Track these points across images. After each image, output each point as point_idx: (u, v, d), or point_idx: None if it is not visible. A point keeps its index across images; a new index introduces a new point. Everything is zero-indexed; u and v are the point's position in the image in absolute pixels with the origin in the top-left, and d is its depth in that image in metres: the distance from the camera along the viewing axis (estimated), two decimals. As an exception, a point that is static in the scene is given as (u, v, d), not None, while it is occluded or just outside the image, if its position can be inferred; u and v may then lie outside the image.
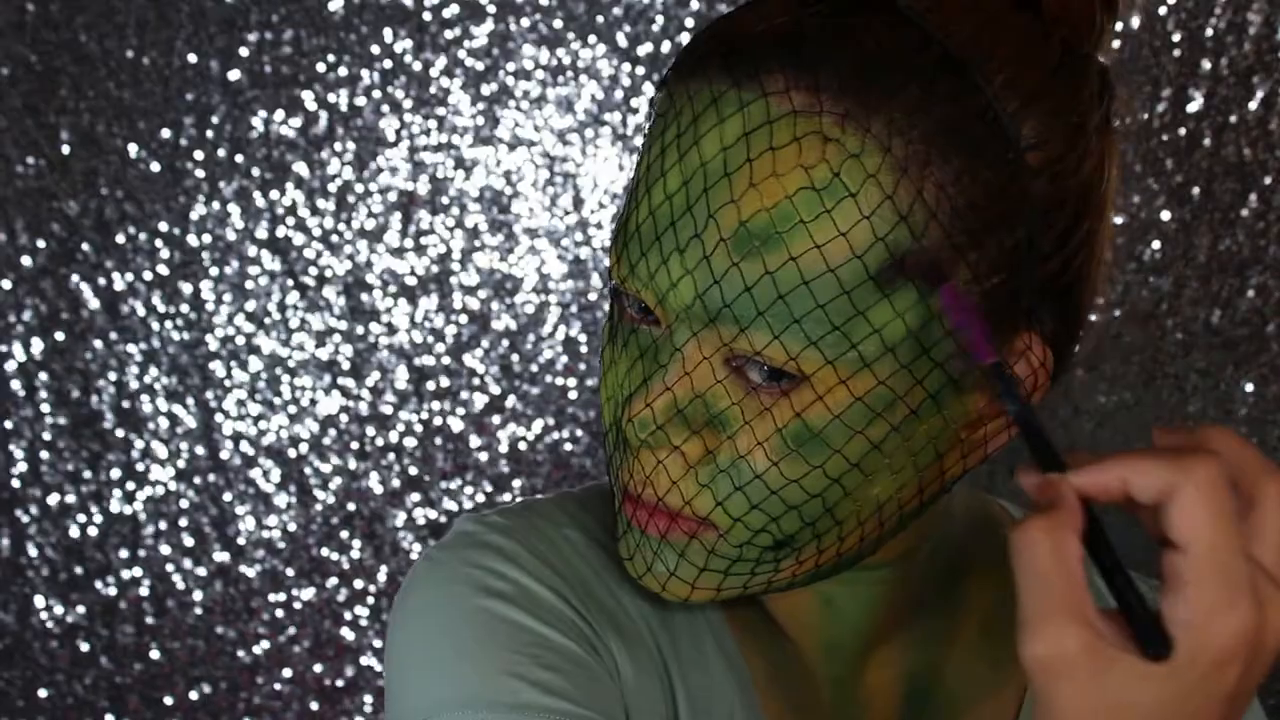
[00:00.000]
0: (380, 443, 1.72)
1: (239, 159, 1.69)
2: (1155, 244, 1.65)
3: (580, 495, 0.88)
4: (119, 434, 1.71)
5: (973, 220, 0.72)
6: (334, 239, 1.70)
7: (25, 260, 1.69)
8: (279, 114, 1.68)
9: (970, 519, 0.86)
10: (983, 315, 0.71)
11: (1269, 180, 1.63)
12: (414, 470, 1.72)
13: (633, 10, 1.67)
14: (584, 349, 1.70)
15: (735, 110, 0.72)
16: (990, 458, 0.78)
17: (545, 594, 0.79)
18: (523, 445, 1.71)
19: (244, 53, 1.68)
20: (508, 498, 1.72)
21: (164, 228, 1.69)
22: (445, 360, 1.71)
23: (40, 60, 1.67)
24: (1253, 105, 1.63)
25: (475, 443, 1.72)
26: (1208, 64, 1.63)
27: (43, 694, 1.74)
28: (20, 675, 1.74)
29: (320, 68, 1.68)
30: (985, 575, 0.86)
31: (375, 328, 1.70)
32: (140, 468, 1.72)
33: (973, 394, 0.75)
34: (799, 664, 0.84)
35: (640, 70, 1.67)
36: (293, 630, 1.73)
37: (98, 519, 1.72)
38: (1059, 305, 0.76)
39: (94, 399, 1.71)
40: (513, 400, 1.71)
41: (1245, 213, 1.64)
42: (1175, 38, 1.63)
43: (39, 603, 1.73)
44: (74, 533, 1.72)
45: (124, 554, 1.72)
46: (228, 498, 1.72)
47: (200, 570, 1.73)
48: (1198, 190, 1.64)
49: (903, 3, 0.73)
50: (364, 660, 1.74)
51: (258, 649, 1.73)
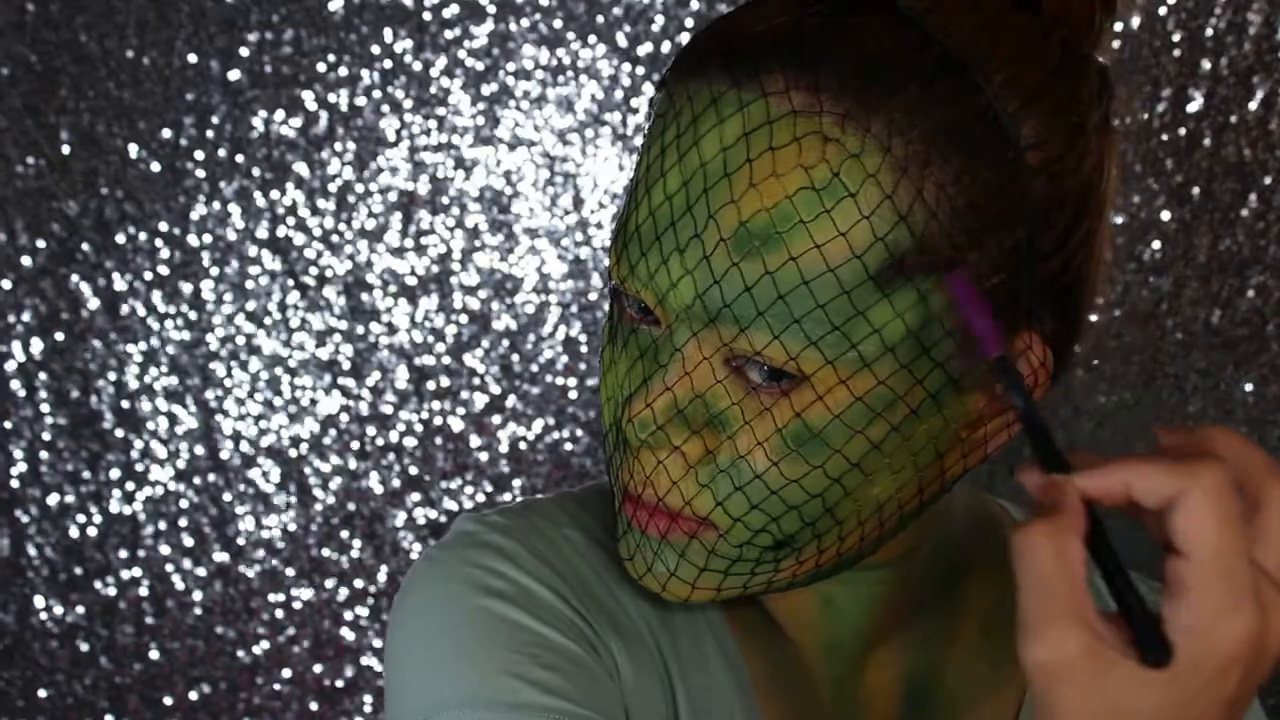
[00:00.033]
0: (380, 443, 1.72)
1: (239, 159, 1.68)
2: (1155, 244, 1.65)
3: (580, 495, 0.88)
4: (119, 434, 1.71)
5: (973, 220, 0.72)
6: (334, 239, 1.70)
7: (25, 260, 1.69)
8: (279, 114, 1.68)
9: (970, 519, 0.86)
10: (989, 308, 0.71)
11: (1269, 180, 1.63)
12: (414, 470, 1.72)
13: (633, 10, 1.67)
14: (584, 349, 1.70)
15: (735, 110, 0.72)
16: (990, 457, 0.78)
17: (545, 594, 0.79)
18: (523, 445, 1.71)
19: (244, 53, 1.68)
20: (508, 498, 1.72)
21: (164, 228, 1.69)
22: (445, 360, 1.71)
23: (40, 60, 1.67)
24: (1253, 105, 1.63)
25: (475, 443, 1.72)
26: (1208, 64, 1.62)
27: (42, 694, 1.74)
28: (20, 675, 1.74)
29: (320, 68, 1.68)
30: (985, 575, 0.86)
31: (375, 328, 1.70)
32: (140, 468, 1.72)
33: (973, 393, 0.75)
34: (799, 664, 0.84)
35: (640, 70, 1.67)
36: (292, 630, 1.73)
37: (97, 519, 1.72)
38: (1059, 305, 0.76)
39: (94, 399, 1.71)
40: (513, 400, 1.71)
41: (1245, 213, 1.64)
42: (1175, 38, 1.63)
43: (39, 603, 1.73)
44: (74, 533, 1.72)
45: (123, 554, 1.72)
46: (227, 498, 1.72)
47: (200, 570, 1.73)
48: (1198, 190, 1.64)
49: (903, 3, 0.73)
50: (364, 660, 1.74)
51: (257, 649, 1.73)
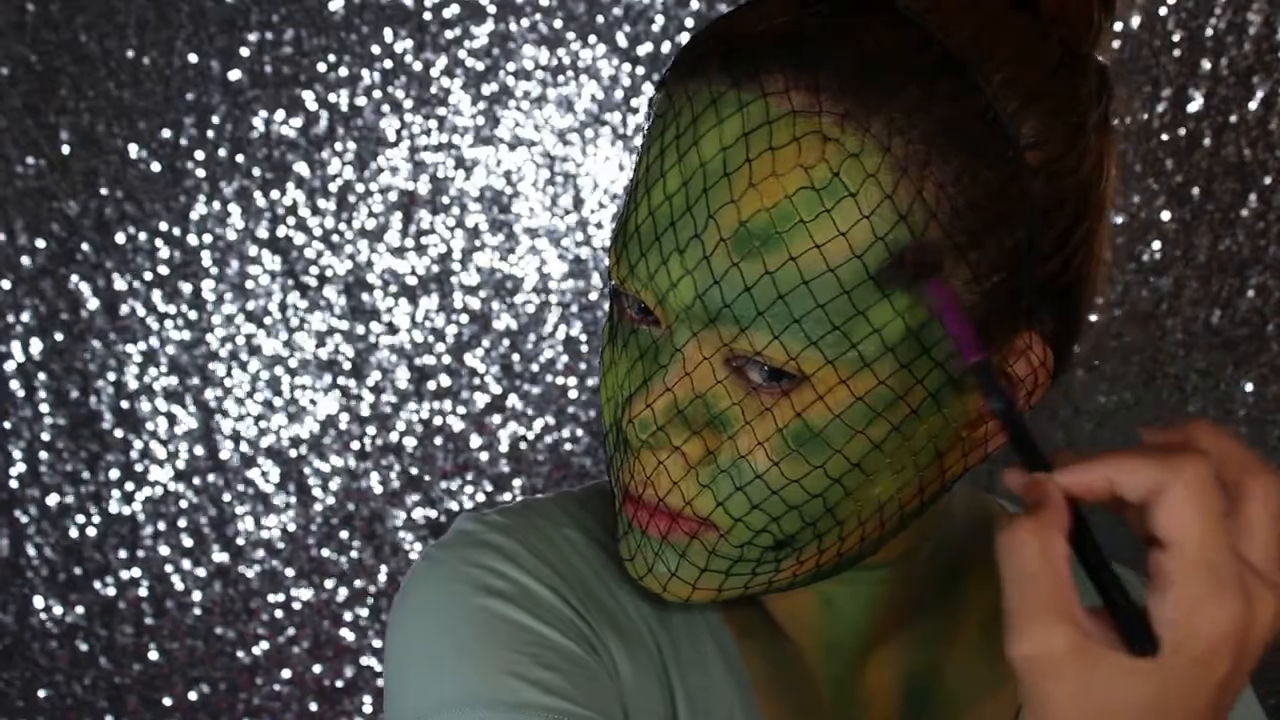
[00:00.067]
0: (380, 443, 1.72)
1: (239, 159, 1.68)
2: (1155, 244, 1.65)
3: (580, 495, 0.88)
4: (118, 434, 1.71)
5: (973, 220, 0.72)
6: (334, 239, 1.70)
7: (25, 260, 1.69)
8: (279, 114, 1.68)
9: (971, 518, 0.86)
10: (969, 314, 0.71)
11: (1269, 180, 1.63)
12: (414, 470, 1.72)
13: (633, 10, 1.67)
14: (584, 349, 1.70)
15: (734, 110, 0.72)
16: (991, 456, 0.78)
17: (545, 593, 0.79)
18: (523, 445, 1.71)
19: (244, 53, 1.68)
20: (508, 497, 1.72)
21: (164, 228, 1.69)
22: (446, 360, 1.71)
23: (40, 60, 1.67)
24: (1253, 105, 1.63)
25: (476, 442, 1.72)
26: (1208, 64, 1.63)
27: (42, 694, 1.74)
28: (19, 676, 1.74)
29: (321, 68, 1.68)
30: (985, 575, 0.86)
31: (376, 327, 1.70)
32: (139, 468, 1.72)
33: (973, 393, 0.75)
34: (799, 664, 0.84)
35: (640, 70, 1.67)
36: (292, 631, 1.73)
37: (97, 519, 1.72)
38: (1059, 305, 0.76)
39: (93, 399, 1.71)
40: (513, 400, 1.71)
41: (1245, 213, 1.64)
42: (1175, 38, 1.63)
43: (38, 603, 1.73)
44: (73, 533, 1.72)
45: (123, 554, 1.72)
46: (227, 498, 1.72)
47: (199, 571, 1.73)
48: (1198, 190, 1.64)
49: (902, 3, 0.73)
50: (363, 661, 1.74)
51: (257, 650, 1.73)
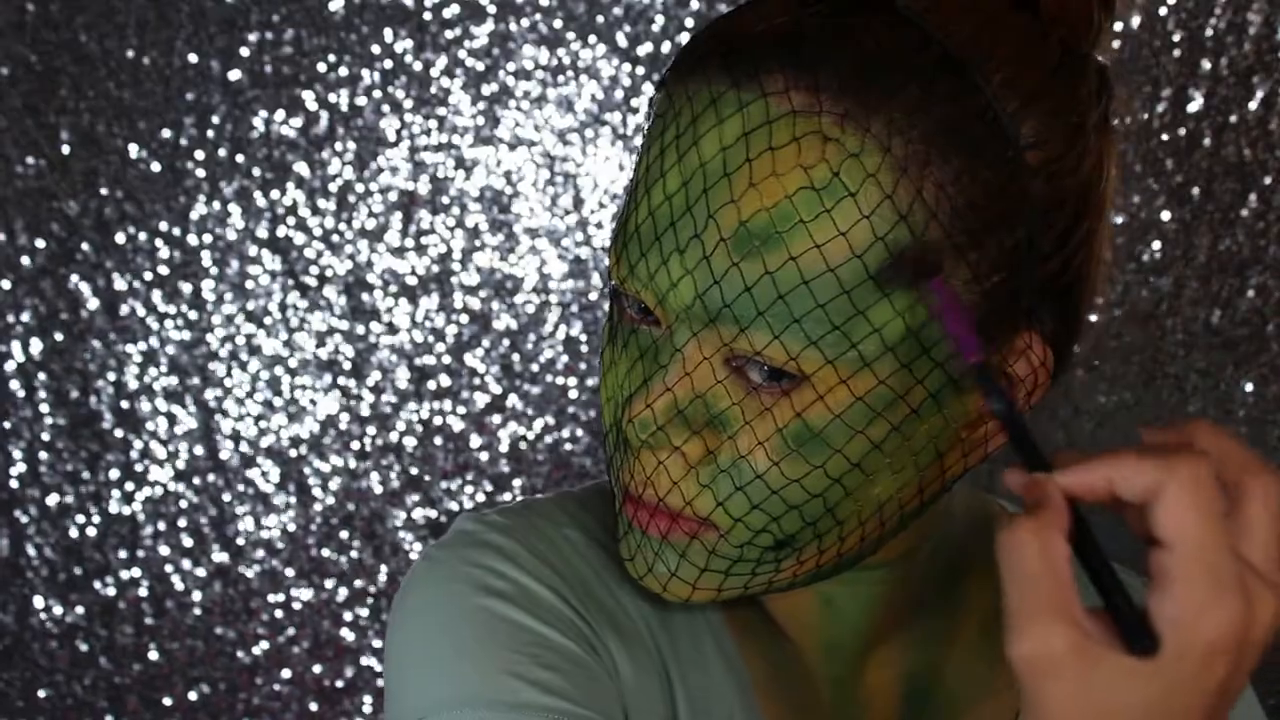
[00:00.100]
0: (380, 443, 1.72)
1: (239, 159, 1.68)
2: (1155, 244, 1.65)
3: (580, 495, 0.87)
4: (118, 434, 1.71)
5: (973, 220, 0.72)
6: (334, 239, 1.70)
7: (25, 260, 1.69)
8: (279, 114, 1.68)
9: (971, 518, 0.86)
10: (969, 314, 0.71)
11: (1269, 180, 1.63)
12: (414, 470, 1.72)
13: (633, 10, 1.67)
14: (584, 348, 1.70)
15: (734, 110, 0.72)
16: (991, 456, 0.78)
17: (544, 593, 0.79)
18: (523, 445, 1.71)
19: (244, 53, 1.68)
20: (508, 497, 1.72)
21: (164, 228, 1.69)
22: (446, 360, 1.71)
23: (40, 60, 1.67)
24: (1253, 105, 1.63)
25: (476, 442, 1.72)
26: (1208, 64, 1.63)
27: (42, 694, 1.74)
28: (19, 676, 1.74)
29: (321, 68, 1.68)
30: (985, 575, 0.86)
31: (376, 327, 1.70)
32: (139, 468, 1.72)
33: (973, 393, 0.75)
34: (799, 664, 0.84)
35: (640, 70, 1.67)
36: (292, 631, 1.73)
37: (96, 519, 1.72)
38: (1059, 305, 0.76)
39: (93, 399, 1.71)
40: (513, 400, 1.71)
41: (1245, 213, 1.64)
42: (1175, 38, 1.63)
43: (38, 603, 1.73)
44: (73, 533, 1.72)
45: (123, 554, 1.72)
46: (227, 498, 1.72)
47: (199, 571, 1.73)
48: (1198, 190, 1.64)
49: (902, 3, 0.73)
50: (363, 661, 1.74)
51: (257, 650, 1.73)
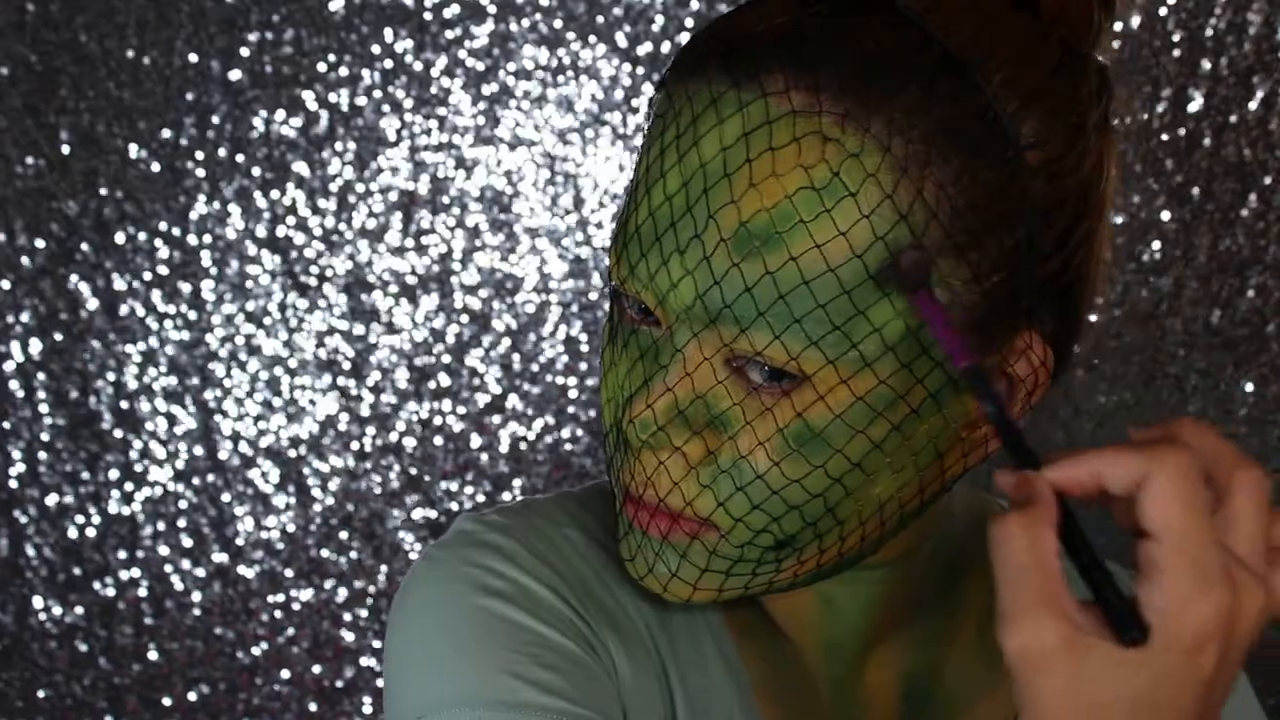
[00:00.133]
0: (380, 443, 1.72)
1: (239, 159, 1.68)
2: (1155, 244, 1.65)
3: (580, 495, 0.88)
4: (117, 434, 1.71)
5: (973, 220, 0.72)
6: (334, 239, 1.70)
7: (24, 260, 1.69)
8: (279, 114, 1.68)
9: (971, 518, 0.86)
10: (955, 320, 0.71)
11: (1269, 180, 1.63)
12: (414, 470, 1.72)
13: (633, 10, 1.67)
14: (584, 348, 1.70)
15: (735, 111, 0.72)
16: (991, 456, 0.78)
17: (544, 593, 0.79)
18: (523, 445, 1.71)
19: (244, 53, 1.68)
20: (508, 498, 1.72)
21: (164, 228, 1.69)
22: (446, 360, 1.71)
23: (40, 60, 1.67)
24: (1253, 105, 1.63)
25: (476, 442, 1.72)
26: (1208, 64, 1.63)
27: (41, 695, 1.74)
28: (19, 676, 1.74)
29: (321, 68, 1.68)
30: (985, 575, 0.85)
31: (376, 327, 1.70)
32: (139, 468, 1.72)
33: (972, 394, 0.75)
34: (798, 664, 0.84)
35: (640, 70, 1.67)
36: (291, 631, 1.73)
37: (96, 520, 1.72)
38: (1059, 304, 0.76)
39: (92, 399, 1.71)
40: (513, 400, 1.71)
41: (1245, 213, 1.64)
42: (1175, 38, 1.63)
43: (37, 603, 1.73)
44: (72, 533, 1.72)
45: (122, 555, 1.72)
46: (226, 498, 1.72)
47: (199, 571, 1.73)
48: (1198, 190, 1.64)
49: (902, 3, 0.73)
50: (363, 661, 1.74)
51: (256, 650, 1.73)
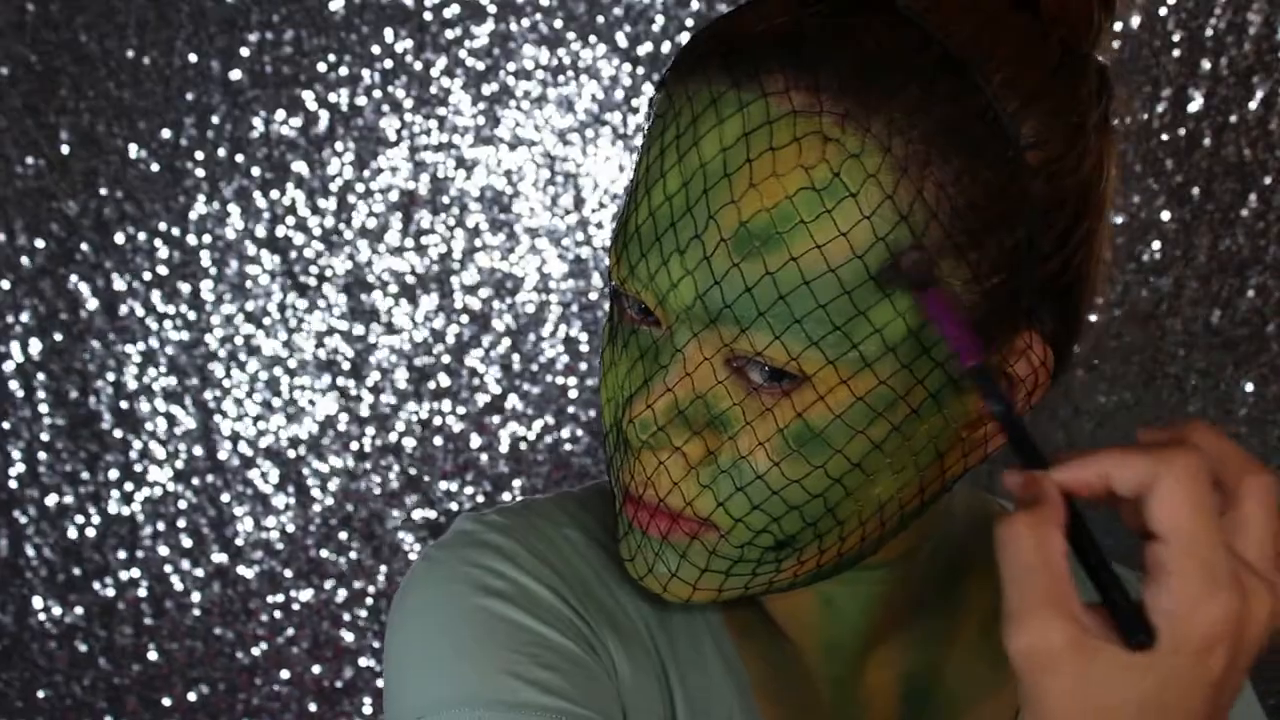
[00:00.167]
0: (380, 443, 1.71)
1: (239, 159, 1.68)
2: (1155, 244, 1.65)
3: (580, 495, 0.88)
4: (117, 435, 1.71)
5: (973, 220, 0.72)
6: (334, 239, 1.69)
7: (24, 260, 1.69)
8: (279, 114, 1.68)
9: (971, 518, 0.86)
10: (965, 318, 0.71)
11: (1269, 180, 1.63)
12: (414, 470, 1.72)
13: (633, 10, 1.67)
14: (584, 348, 1.70)
15: (735, 111, 0.72)
16: (991, 456, 0.78)
17: (544, 593, 0.79)
18: (523, 445, 1.71)
19: (244, 53, 1.67)
20: (508, 498, 1.72)
21: (163, 228, 1.69)
22: (445, 360, 1.71)
23: (40, 60, 1.67)
24: (1253, 105, 1.63)
25: (475, 443, 1.71)
26: (1208, 64, 1.62)
27: (41, 695, 1.74)
28: (19, 676, 1.74)
29: (321, 67, 1.68)
30: (985, 575, 0.86)
31: (375, 327, 1.70)
32: (138, 468, 1.72)
33: (973, 393, 0.75)
34: (798, 664, 0.84)
35: (640, 70, 1.67)
36: (291, 631, 1.73)
37: (96, 520, 1.72)
38: (1059, 304, 0.76)
39: (92, 400, 1.71)
40: (513, 400, 1.71)
41: (1245, 213, 1.64)
42: (1175, 38, 1.63)
43: (37, 604, 1.73)
44: (72, 534, 1.72)
45: (122, 555, 1.72)
46: (226, 499, 1.72)
47: (198, 571, 1.73)
48: (1198, 190, 1.64)
49: (902, 3, 0.73)
50: (363, 661, 1.74)
51: (256, 650, 1.73)
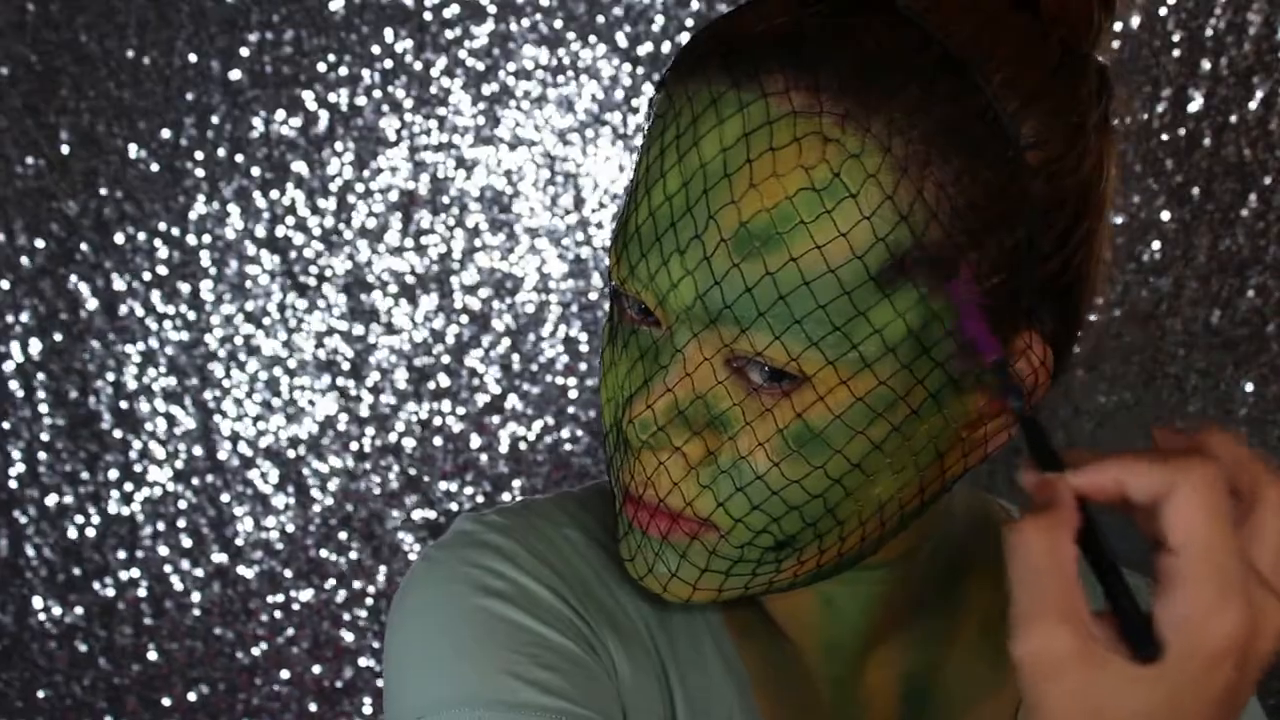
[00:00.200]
0: (380, 443, 1.71)
1: (239, 159, 1.68)
2: (1155, 244, 1.65)
3: (580, 495, 0.87)
4: (117, 435, 1.71)
5: (973, 220, 0.72)
6: (334, 239, 1.69)
7: (24, 260, 1.69)
8: (279, 114, 1.68)
9: (971, 518, 0.86)
10: (987, 312, 0.71)
11: (1269, 180, 1.63)
12: (414, 470, 1.72)
13: (633, 10, 1.67)
14: (584, 348, 1.70)
15: (735, 111, 0.72)
16: (990, 457, 0.78)
17: (544, 593, 0.79)
18: (523, 445, 1.71)
19: (244, 53, 1.67)
20: (508, 498, 1.72)
21: (163, 228, 1.69)
22: (445, 360, 1.71)
23: (40, 60, 1.67)
24: (1253, 105, 1.63)
25: (475, 443, 1.71)
26: (1208, 64, 1.62)
27: (41, 695, 1.74)
28: (19, 676, 1.74)
29: (321, 67, 1.68)
30: (985, 575, 0.86)
31: (375, 328, 1.70)
32: (138, 469, 1.72)
33: (973, 393, 0.75)
34: (798, 664, 0.84)
35: (640, 70, 1.67)
36: (291, 631, 1.73)
37: (96, 520, 1.72)
38: (1059, 304, 0.76)
39: (92, 400, 1.71)
40: (513, 400, 1.71)
41: (1245, 213, 1.64)
42: (1175, 38, 1.63)
43: (37, 604, 1.73)
44: (72, 534, 1.72)
45: (122, 555, 1.72)
46: (226, 499, 1.72)
47: (198, 571, 1.72)
48: (1198, 190, 1.64)
49: (902, 3, 0.73)
50: (363, 661, 1.74)
51: (256, 650, 1.73)
